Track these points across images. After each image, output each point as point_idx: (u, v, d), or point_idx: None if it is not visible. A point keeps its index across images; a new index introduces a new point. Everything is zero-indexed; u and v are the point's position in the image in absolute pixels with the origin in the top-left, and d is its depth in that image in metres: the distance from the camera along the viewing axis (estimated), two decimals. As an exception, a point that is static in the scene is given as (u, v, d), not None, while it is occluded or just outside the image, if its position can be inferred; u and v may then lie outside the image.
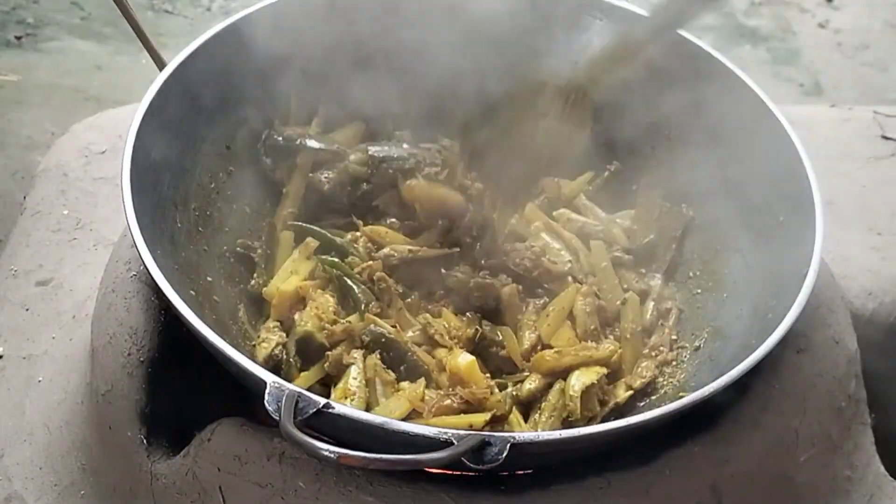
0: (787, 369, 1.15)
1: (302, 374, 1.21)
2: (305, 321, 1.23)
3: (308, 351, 1.23)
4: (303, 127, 1.47)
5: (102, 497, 1.23)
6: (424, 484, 1.01)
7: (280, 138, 1.41)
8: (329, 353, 1.20)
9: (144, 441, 1.15)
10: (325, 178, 1.39)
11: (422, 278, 1.36)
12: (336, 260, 1.32)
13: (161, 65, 1.29)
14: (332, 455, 0.82)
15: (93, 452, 1.25)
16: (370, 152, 1.40)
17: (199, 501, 1.07)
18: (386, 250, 1.35)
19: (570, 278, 1.38)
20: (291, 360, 1.22)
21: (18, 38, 2.87)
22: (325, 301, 1.27)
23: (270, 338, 1.25)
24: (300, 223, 1.38)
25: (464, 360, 1.18)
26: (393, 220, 1.41)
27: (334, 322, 1.24)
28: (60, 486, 1.25)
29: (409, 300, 1.32)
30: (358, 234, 1.38)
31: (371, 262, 1.31)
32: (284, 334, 1.26)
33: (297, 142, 1.41)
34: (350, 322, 1.25)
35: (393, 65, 1.52)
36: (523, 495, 1.01)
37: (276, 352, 1.23)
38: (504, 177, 1.30)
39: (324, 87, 1.49)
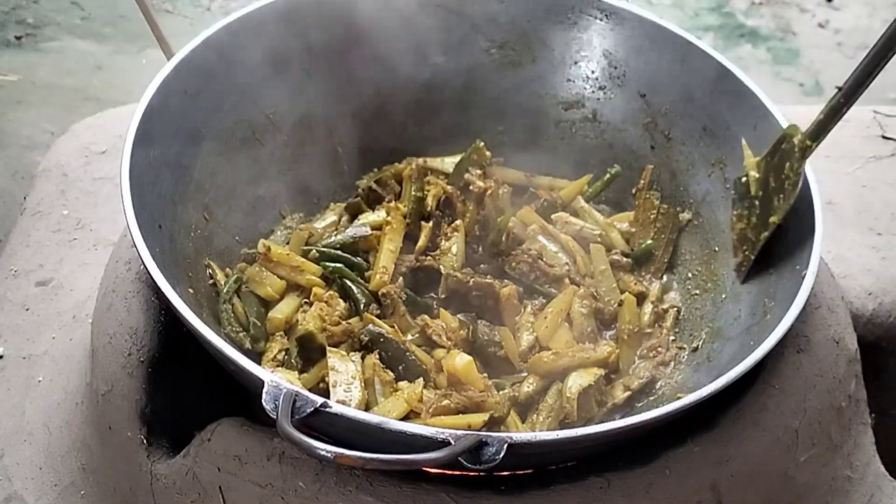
0: (787, 369, 1.15)
1: (303, 374, 1.22)
2: (308, 321, 1.23)
3: (309, 351, 1.23)
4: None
5: (102, 497, 1.23)
6: (424, 484, 1.01)
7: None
8: None
9: (144, 441, 1.15)
10: None
11: (426, 282, 1.37)
12: (339, 265, 1.32)
13: (169, 55, 1.30)
14: (328, 454, 0.82)
15: (93, 452, 1.25)
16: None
17: (199, 501, 1.07)
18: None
19: (567, 280, 1.38)
20: (293, 360, 1.23)
21: (18, 38, 2.87)
22: (337, 303, 1.27)
23: (273, 345, 1.25)
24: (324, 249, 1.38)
25: (461, 360, 1.18)
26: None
27: (337, 323, 1.24)
28: (60, 486, 1.25)
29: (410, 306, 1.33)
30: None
31: (378, 276, 1.32)
32: (286, 339, 1.26)
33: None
34: (351, 323, 1.25)
35: (389, 64, 1.52)
36: (523, 495, 1.01)
37: (280, 356, 1.23)
38: None
39: (322, 86, 1.49)
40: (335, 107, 1.52)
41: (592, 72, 1.54)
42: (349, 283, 1.31)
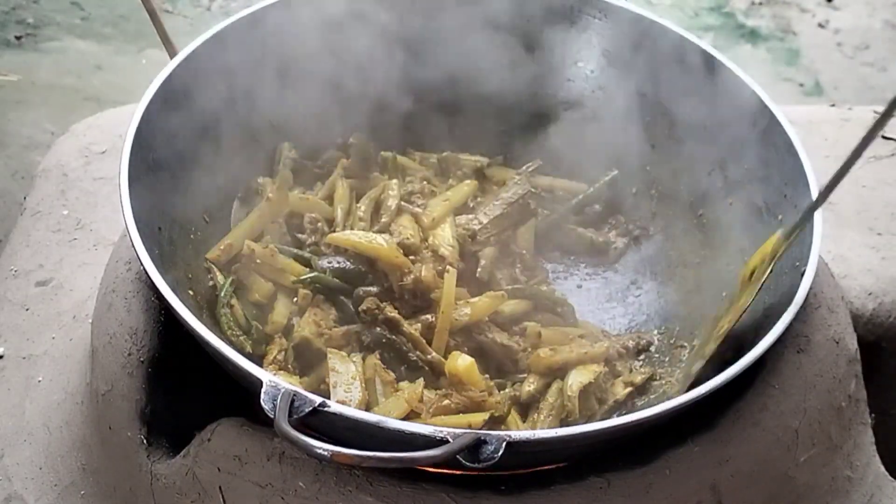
0: (787, 369, 1.15)
1: (303, 378, 1.21)
2: (303, 327, 1.23)
3: (306, 356, 1.23)
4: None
5: (102, 497, 1.23)
6: (424, 484, 1.00)
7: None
8: None
9: (144, 441, 1.15)
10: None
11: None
12: (315, 275, 1.29)
13: (172, 54, 1.30)
14: (325, 453, 0.82)
15: (93, 452, 1.25)
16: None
17: (199, 501, 1.07)
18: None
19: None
20: (290, 365, 1.22)
21: (18, 38, 2.87)
22: (326, 313, 1.27)
23: (272, 347, 1.25)
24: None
25: (463, 362, 1.18)
26: None
27: (333, 327, 1.24)
28: (60, 486, 1.25)
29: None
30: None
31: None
32: (284, 341, 1.26)
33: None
34: (350, 328, 1.25)
35: (389, 65, 1.52)
36: (523, 495, 1.01)
37: (280, 357, 1.23)
38: None
39: (324, 87, 1.49)
40: (335, 108, 1.52)
41: (592, 71, 1.55)
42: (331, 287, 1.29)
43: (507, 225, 1.43)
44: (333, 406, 0.90)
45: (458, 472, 1.03)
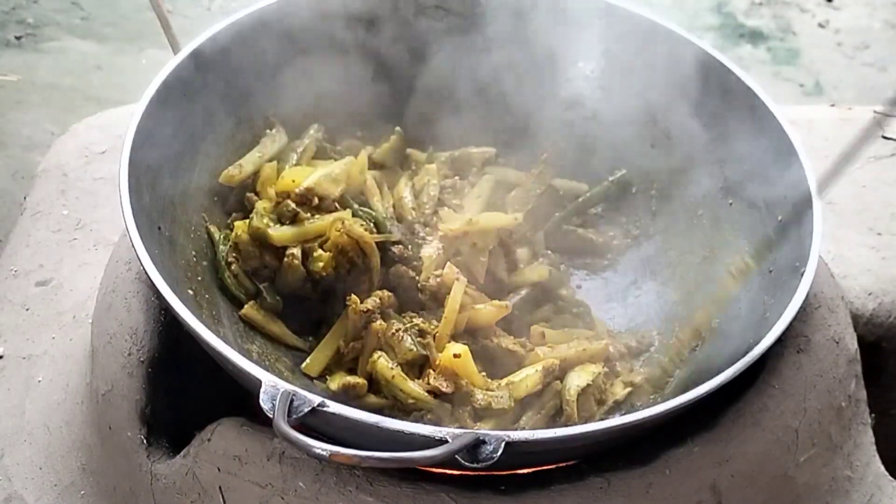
0: (787, 369, 1.15)
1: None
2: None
3: None
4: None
5: (102, 497, 1.23)
6: (424, 484, 1.01)
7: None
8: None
9: (144, 441, 1.15)
10: None
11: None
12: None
13: (177, 49, 1.30)
14: (324, 453, 0.82)
15: (93, 452, 1.25)
16: None
17: (199, 501, 1.07)
18: None
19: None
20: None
21: (18, 38, 2.87)
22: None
23: None
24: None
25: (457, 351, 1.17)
26: None
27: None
28: (60, 486, 1.25)
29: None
30: None
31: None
32: None
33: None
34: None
35: (388, 65, 1.52)
36: (523, 495, 1.01)
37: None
38: None
39: (324, 87, 1.50)
40: (334, 109, 1.52)
41: (592, 71, 1.54)
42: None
43: (538, 218, 1.43)
44: (332, 406, 0.90)
45: (458, 472, 1.03)
